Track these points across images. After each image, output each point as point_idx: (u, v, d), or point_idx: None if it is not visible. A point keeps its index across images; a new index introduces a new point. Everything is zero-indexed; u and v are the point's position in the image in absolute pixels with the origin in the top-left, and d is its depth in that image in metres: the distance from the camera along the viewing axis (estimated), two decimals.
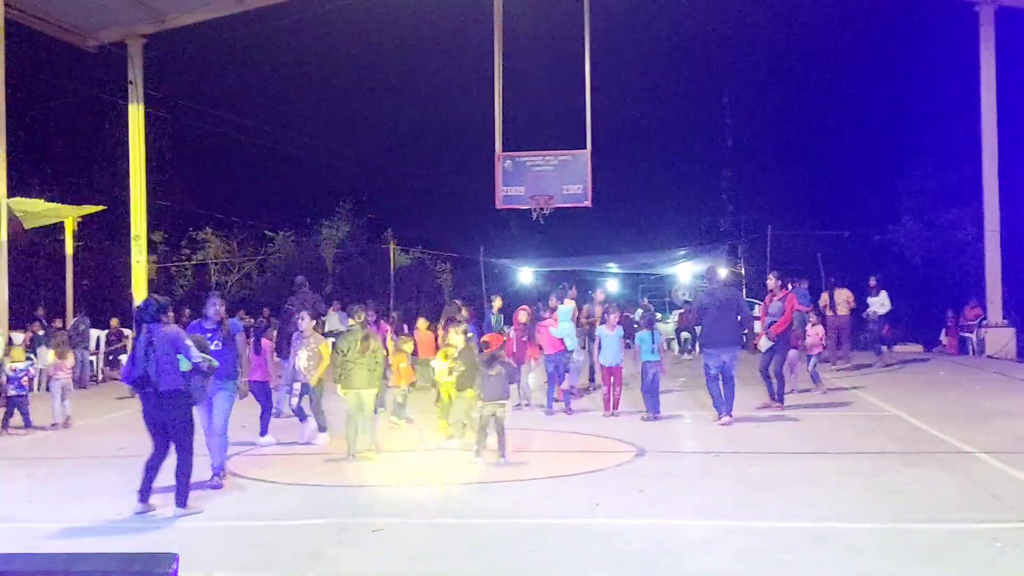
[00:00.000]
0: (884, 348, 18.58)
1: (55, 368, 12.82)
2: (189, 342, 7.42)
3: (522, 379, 13.30)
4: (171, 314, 7.69)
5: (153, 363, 7.20)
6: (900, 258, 27.08)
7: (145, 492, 7.37)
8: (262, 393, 10.76)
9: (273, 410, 11.24)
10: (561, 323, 12.88)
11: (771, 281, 13.11)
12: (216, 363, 7.64)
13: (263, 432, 10.76)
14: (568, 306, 13.54)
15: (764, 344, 12.83)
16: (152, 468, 7.40)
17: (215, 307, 8.59)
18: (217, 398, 8.29)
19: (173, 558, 1.57)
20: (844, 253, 27.24)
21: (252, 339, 10.72)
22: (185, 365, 7.32)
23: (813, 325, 14.71)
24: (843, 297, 18.24)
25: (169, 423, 7.34)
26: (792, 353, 13.54)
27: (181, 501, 7.38)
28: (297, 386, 11.04)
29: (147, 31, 21.37)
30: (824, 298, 18.17)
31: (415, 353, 12.53)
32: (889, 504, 7.27)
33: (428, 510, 7.42)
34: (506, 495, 7.97)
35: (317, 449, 10.38)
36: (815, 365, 14.33)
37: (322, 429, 10.79)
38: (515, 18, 19.98)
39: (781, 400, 12.51)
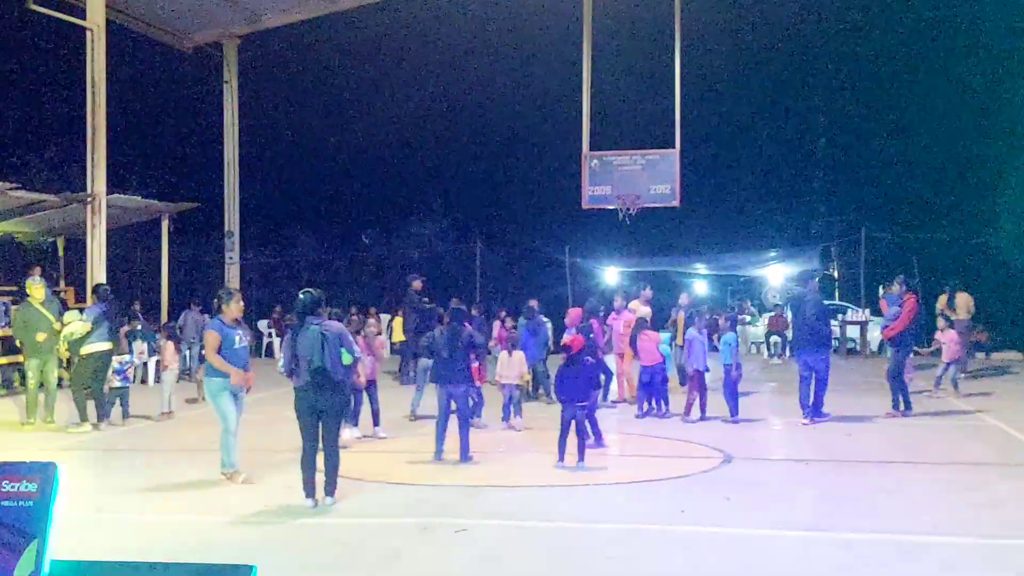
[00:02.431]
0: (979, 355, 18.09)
1: (169, 360, 13.14)
2: (351, 337, 7.77)
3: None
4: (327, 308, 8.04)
5: (328, 355, 7.43)
6: (1000, 262, 26.08)
7: (311, 487, 7.47)
8: None
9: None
10: (663, 345, 13.10)
11: (896, 288, 12.93)
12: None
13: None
14: (666, 333, 13.78)
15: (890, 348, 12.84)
16: (310, 464, 7.49)
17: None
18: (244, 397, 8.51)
19: (250, 570, 1.56)
20: (941, 256, 26.33)
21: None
22: (348, 359, 7.56)
23: (944, 331, 14.45)
24: (963, 301, 17.50)
25: (331, 410, 7.52)
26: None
27: (331, 490, 7.52)
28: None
29: (242, 31, 21.86)
30: (941, 301, 17.41)
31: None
32: (986, 518, 6.97)
33: (511, 512, 7.39)
34: (590, 499, 7.91)
35: (397, 447, 10.45)
36: (954, 373, 14.03)
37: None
38: (604, 16, 19.80)
39: (905, 406, 12.20)
